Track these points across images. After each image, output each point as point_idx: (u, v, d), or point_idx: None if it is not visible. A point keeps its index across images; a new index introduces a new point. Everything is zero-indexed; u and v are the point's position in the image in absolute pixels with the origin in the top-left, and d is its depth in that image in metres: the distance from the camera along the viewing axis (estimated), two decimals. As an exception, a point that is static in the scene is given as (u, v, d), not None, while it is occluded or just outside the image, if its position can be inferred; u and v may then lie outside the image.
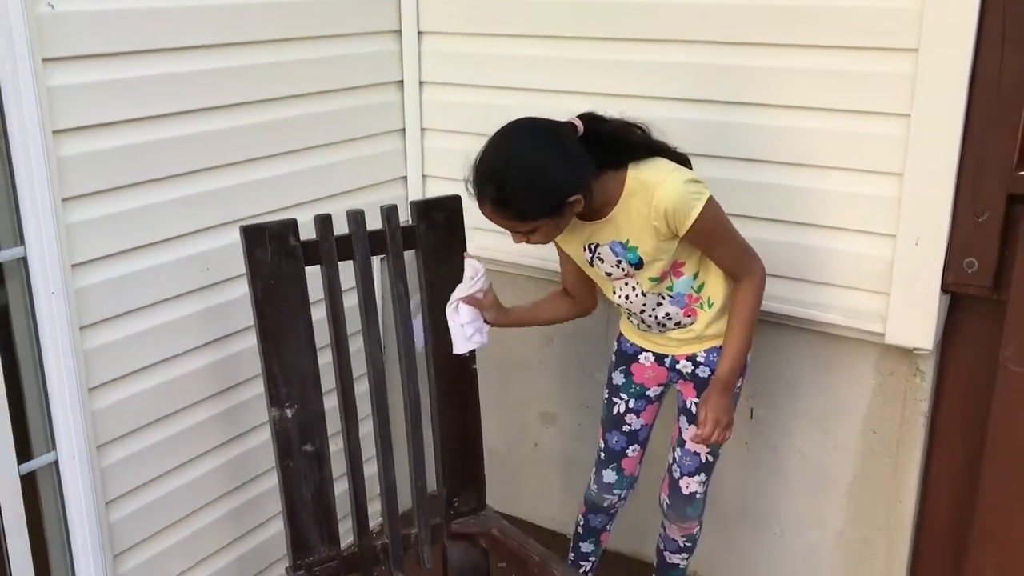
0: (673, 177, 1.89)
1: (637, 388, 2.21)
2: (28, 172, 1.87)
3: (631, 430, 2.25)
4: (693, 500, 2.21)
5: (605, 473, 2.29)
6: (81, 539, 2.12)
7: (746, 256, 2.00)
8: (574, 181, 1.84)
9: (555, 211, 1.85)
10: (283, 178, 2.39)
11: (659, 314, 2.07)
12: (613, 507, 2.36)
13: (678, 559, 2.34)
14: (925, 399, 2.30)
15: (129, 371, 2.13)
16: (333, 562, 2.01)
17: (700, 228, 1.90)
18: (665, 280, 2.02)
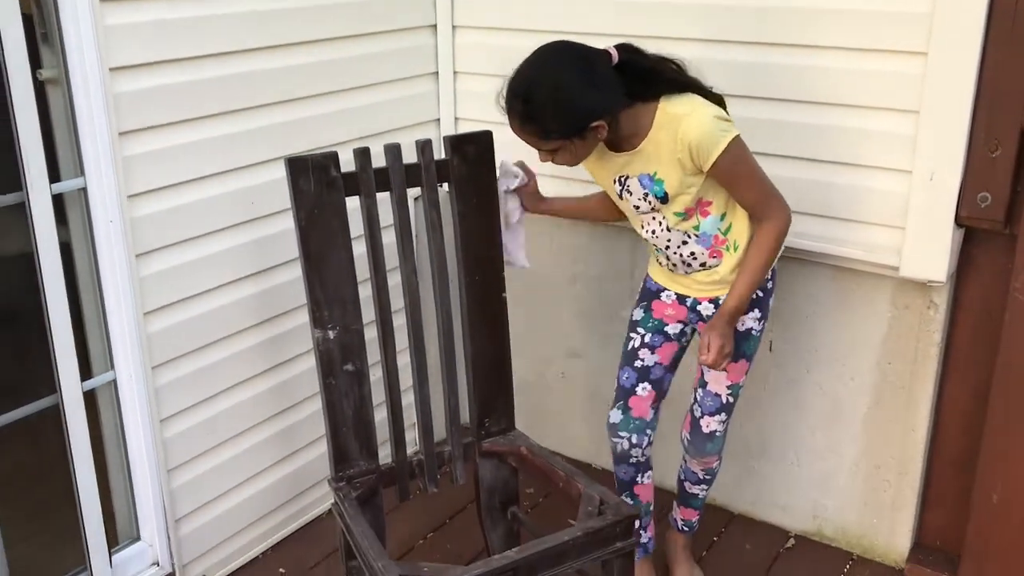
0: (701, 111, 1.92)
1: (655, 323, 2.22)
2: (87, 107, 2.01)
3: (643, 366, 2.23)
4: (713, 438, 2.27)
5: (612, 413, 2.26)
6: (138, 453, 2.29)
7: (771, 199, 2.01)
8: (599, 106, 1.89)
9: (577, 133, 1.90)
10: (322, 118, 2.50)
11: (684, 252, 2.10)
12: (628, 455, 2.28)
13: (697, 489, 2.39)
14: (938, 331, 2.38)
15: (181, 298, 2.27)
16: (372, 475, 2.15)
17: (724, 165, 1.92)
18: (691, 218, 2.04)
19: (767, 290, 2.17)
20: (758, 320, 2.17)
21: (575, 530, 1.90)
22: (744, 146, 1.95)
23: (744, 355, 2.19)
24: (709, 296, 2.15)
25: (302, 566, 2.62)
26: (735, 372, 2.20)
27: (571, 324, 2.97)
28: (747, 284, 2.04)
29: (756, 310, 2.15)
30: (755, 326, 2.17)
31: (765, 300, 2.17)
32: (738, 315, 2.08)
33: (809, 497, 2.70)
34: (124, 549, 2.35)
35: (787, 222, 2.03)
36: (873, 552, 2.64)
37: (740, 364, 2.19)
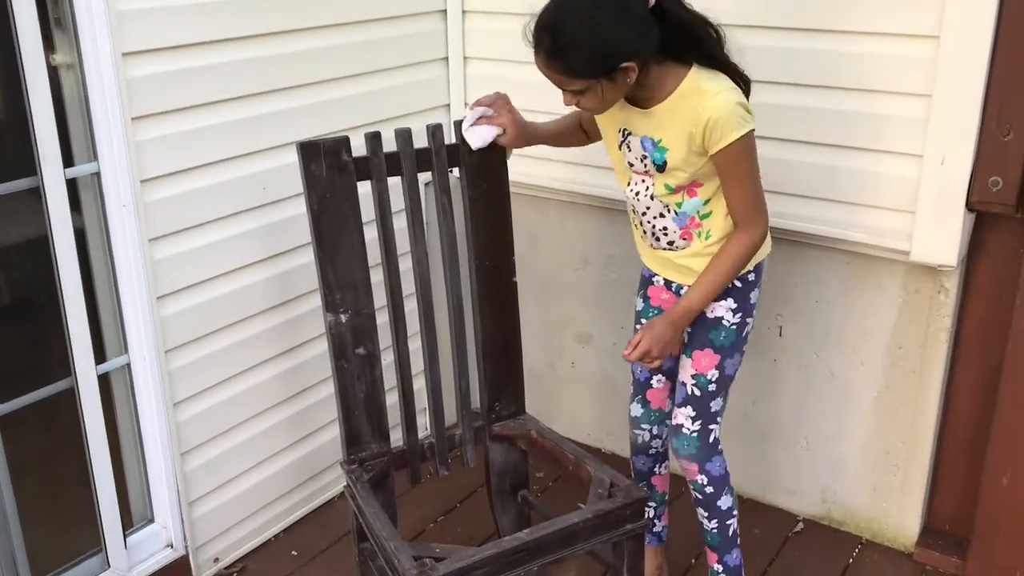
0: (729, 94, 1.84)
1: (655, 312, 2.16)
2: (100, 92, 2.02)
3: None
4: (679, 433, 2.11)
5: (632, 407, 2.26)
6: (152, 436, 2.31)
7: (756, 207, 1.94)
8: (632, 45, 1.76)
9: (607, 73, 1.78)
10: (334, 103, 2.51)
11: (657, 225, 2.02)
12: (649, 447, 2.27)
13: (698, 515, 2.19)
14: (949, 315, 2.38)
15: (194, 282, 2.28)
16: (384, 458, 2.16)
17: (731, 154, 1.85)
18: (678, 194, 1.96)
19: (747, 281, 2.05)
20: (732, 311, 2.04)
21: (585, 512, 1.92)
22: (754, 144, 1.89)
23: (711, 344, 2.05)
24: (687, 282, 2.06)
25: (314, 548, 2.65)
26: (700, 362, 2.06)
27: (581, 309, 2.98)
28: (705, 290, 1.96)
29: (730, 299, 2.03)
30: (727, 316, 2.04)
31: (743, 291, 2.04)
32: (686, 318, 1.99)
33: (818, 481, 2.71)
34: (138, 531, 2.37)
35: (762, 238, 1.96)
36: (882, 536, 2.65)
37: (705, 353, 2.06)
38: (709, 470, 2.12)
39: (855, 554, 2.61)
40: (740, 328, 2.06)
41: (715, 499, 2.15)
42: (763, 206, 1.96)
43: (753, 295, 2.07)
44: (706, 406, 2.09)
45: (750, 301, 2.07)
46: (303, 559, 2.61)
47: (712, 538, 2.20)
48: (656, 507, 2.38)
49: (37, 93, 1.91)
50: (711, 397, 2.09)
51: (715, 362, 2.06)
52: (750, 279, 2.05)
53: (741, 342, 2.09)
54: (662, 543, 2.44)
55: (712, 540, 2.20)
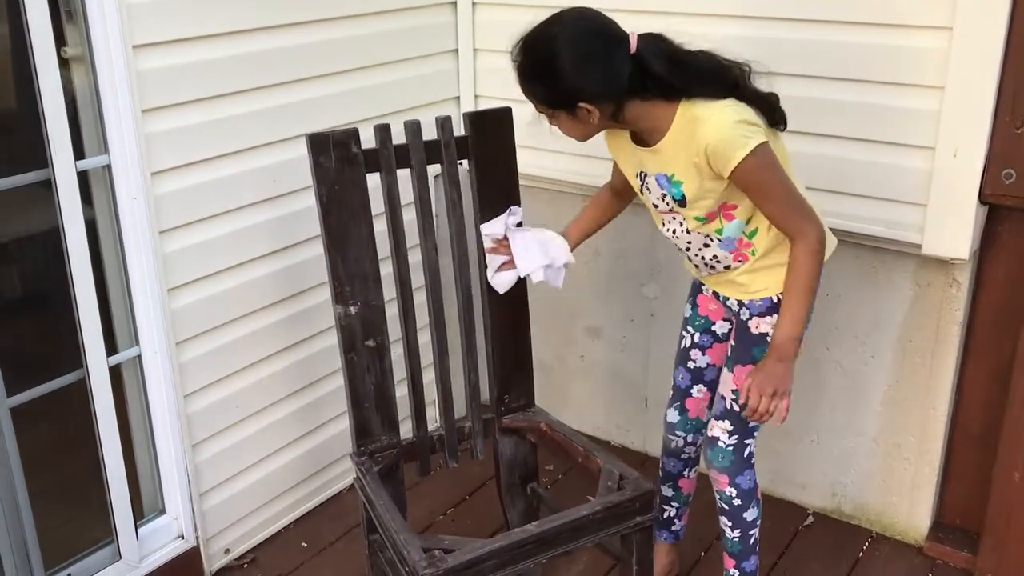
0: (723, 113, 1.78)
1: (702, 321, 2.15)
2: (111, 85, 2.02)
3: (696, 367, 2.19)
4: (714, 445, 2.08)
5: (669, 412, 2.26)
6: (162, 428, 2.32)
7: (798, 214, 1.84)
8: (588, 88, 1.78)
9: (565, 107, 1.82)
10: (343, 95, 2.51)
11: (706, 255, 1.99)
12: (682, 451, 2.27)
13: (722, 523, 2.18)
14: (960, 308, 2.37)
15: (204, 274, 2.29)
16: (393, 450, 2.17)
17: (744, 174, 1.78)
18: (713, 221, 1.92)
19: None
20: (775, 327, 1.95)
21: (594, 504, 1.92)
22: (769, 155, 1.80)
23: (754, 360, 2.00)
24: (737, 296, 2.02)
25: (324, 540, 2.66)
26: (741, 377, 2.01)
27: (591, 302, 2.97)
28: (794, 314, 1.87)
29: (774, 315, 1.97)
30: (770, 332, 1.96)
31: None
32: (791, 348, 1.88)
33: (828, 475, 2.70)
34: (150, 522, 2.39)
35: (819, 240, 1.85)
36: (893, 530, 2.64)
37: (747, 369, 2.00)
38: (739, 483, 2.11)
39: (865, 548, 2.60)
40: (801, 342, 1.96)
41: (741, 511, 2.14)
42: (806, 209, 1.86)
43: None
44: (744, 421, 2.03)
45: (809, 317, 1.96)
46: (313, 550, 2.62)
47: (733, 546, 2.19)
48: (679, 508, 2.38)
49: (48, 86, 1.91)
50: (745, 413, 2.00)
51: None
52: None
53: None
54: (678, 541, 2.44)
55: (732, 548, 2.19)
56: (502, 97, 2.70)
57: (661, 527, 2.40)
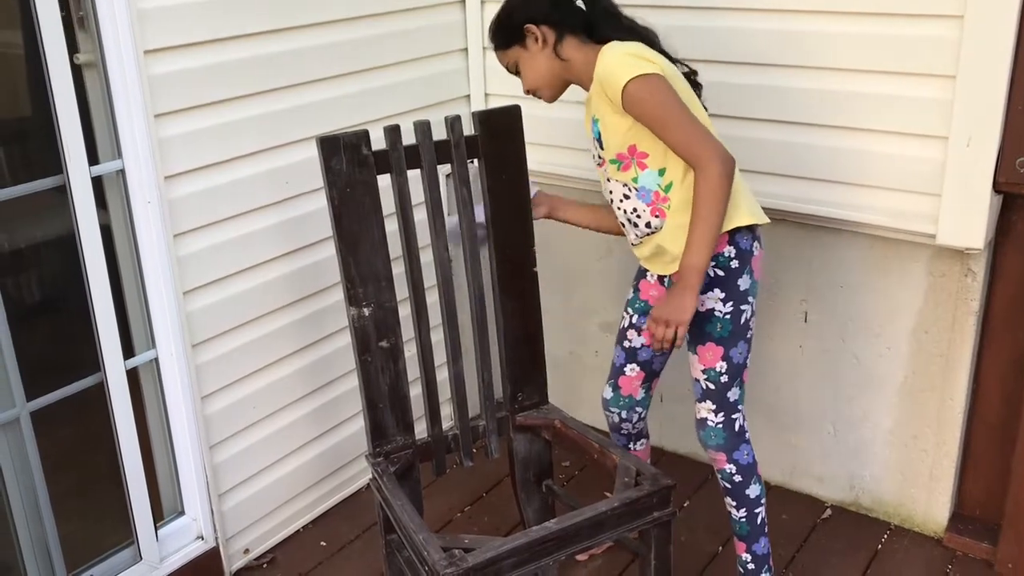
0: (614, 48, 1.93)
1: (641, 304, 2.22)
2: (123, 90, 2.04)
3: (631, 347, 2.26)
4: (704, 426, 2.12)
5: (605, 389, 2.33)
6: (180, 430, 2.33)
7: (697, 143, 1.88)
8: (533, 8, 1.99)
9: (516, 39, 2.03)
10: (354, 96, 2.52)
11: (627, 208, 2.04)
12: (620, 427, 2.35)
13: (727, 505, 2.20)
14: (976, 299, 2.35)
15: (219, 277, 2.30)
16: (409, 450, 2.18)
17: (633, 100, 1.88)
18: (629, 169, 1.99)
19: (730, 269, 2.00)
20: (721, 300, 2.01)
21: (612, 501, 1.92)
22: (660, 85, 1.88)
23: (711, 338, 2.03)
24: (670, 272, 2.06)
25: (343, 539, 2.67)
26: (705, 356, 2.06)
27: (605, 298, 2.97)
28: (695, 240, 1.89)
29: (716, 289, 2.00)
30: (717, 307, 2.01)
31: (729, 279, 2.01)
32: (695, 275, 1.90)
33: (846, 467, 2.69)
34: (169, 523, 2.40)
35: (721, 167, 1.86)
36: (911, 522, 2.63)
37: (708, 347, 2.04)
38: (737, 459, 2.13)
39: (884, 540, 2.59)
40: (736, 316, 2.04)
41: (743, 488, 2.15)
42: (703, 134, 1.89)
43: (742, 282, 2.03)
44: (723, 397, 2.10)
45: (740, 288, 2.03)
46: (331, 550, 2.63)
47: (740, 527, 2.20)
48: None
49: (61, 92, 1.93)
50: (726, 388, 2.09)
51: (719, 354, 2.06)
52: (733, 266, 2.01)
53: (742, 329, 2.06)
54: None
55: (740, 530, 2.20)
56: (513, 95, 2.70)
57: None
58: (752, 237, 2.04)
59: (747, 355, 2.10)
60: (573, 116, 2.38)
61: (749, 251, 2.04)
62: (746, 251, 2.03)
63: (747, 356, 2.10)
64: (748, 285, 2.05)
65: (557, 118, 2.53)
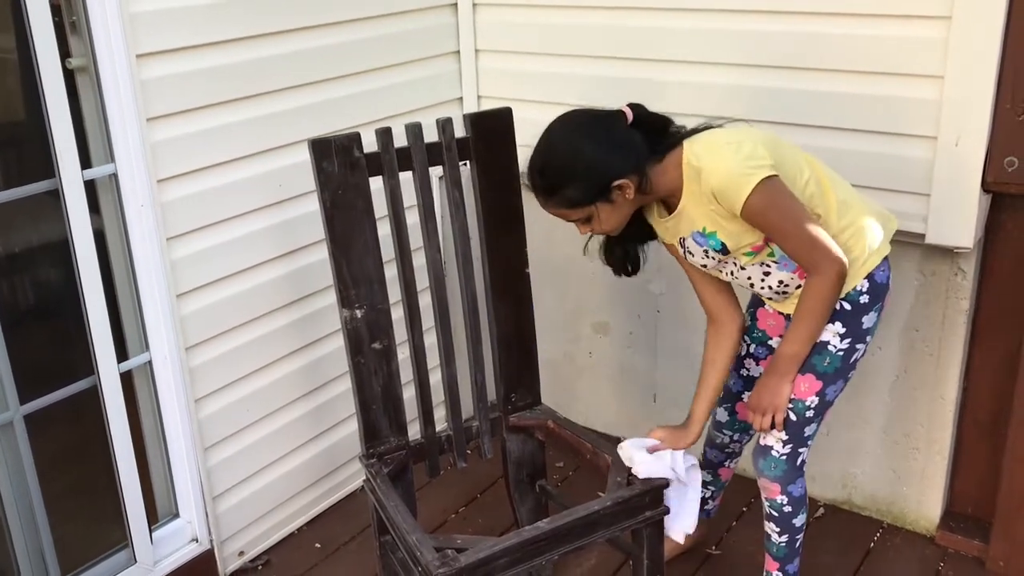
0: (723, 153, 1.82)
1: (760, 333, 2.17)
2: (116, 94, 2.05)
3: (748, 375, 2.22)
4: (767, 455, 2.06)
5: (719, 411, 2.30)
6: (175, 432, 2.34)
7: (813, 247, 1.83)
8: (617, 163, 1.84)
9: (601, 195, 1.85)
10: (346, 99, 2.53)
11: (772, 283, 1.98)
12: (727, 447, 2.35)
13: (768, 528, 2.18)
14: (966, 297, 2.37)
15: (212, 280, 2.31)
16: (402, 451, 2.18)
17: (752, 210, 1.79)
18: (762, 250, 1.92)
19: (858, 304, 1.95)
20: (839, 336, 1.95)
21: (605, 500, 1.93)
22: (778, 188, 1.80)
23: (814, 370, 1.97)
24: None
25: (337, 540, 2.68)
26: (800, 387, 1.98)
27: (598, 299, 2.98)
28: (799, 334, 1.91)
29: (838, 323, 1.95)
30: (832, 340, 1.96)
31: (853, 315, 1.95)
32: (793, 364, 1.95)
33: (839, 466, 2.70)
34: (164, 526, 2.41)
35: (837, 277, 1.85)
36: (903, 520, 2.64)
37: (807, 378, 1.98)
38: (791, 491, 2.10)
39: (876, 538, 2.60)
40: (848, 355, 1.97)
41: (791, 518, 2.14)
42: (820, 242, 1.83)
43: (867, 319, 1.97)
44: (800, 431, 2.03)
45: (862, 326, 1.97)
46: (326, 551, 2.64)
47: (778, 550, 2.20)
48: (714, 491, 2.47)
49: (53, 96, 1.93)
50: (806, 423, 2.02)
51: (816, 388, 1.99)
52: (862, 301, 1.95)
53: (847, 368, 2.00)
54: (708, 518, 2.52)
55: (778, 552, 2.20)
56: (505, 97, 2.73)
57: None
58: (887, 267, 2.00)
59: (840, 394, 2.03)
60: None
61: (885, 284, 1.99)
62: (881, 284, 1.98)
63: (839, 395, 2.04)
64: (872, 323, 1.99)
65: (549, 120, 2.54)
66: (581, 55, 2.68)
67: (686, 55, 2.50)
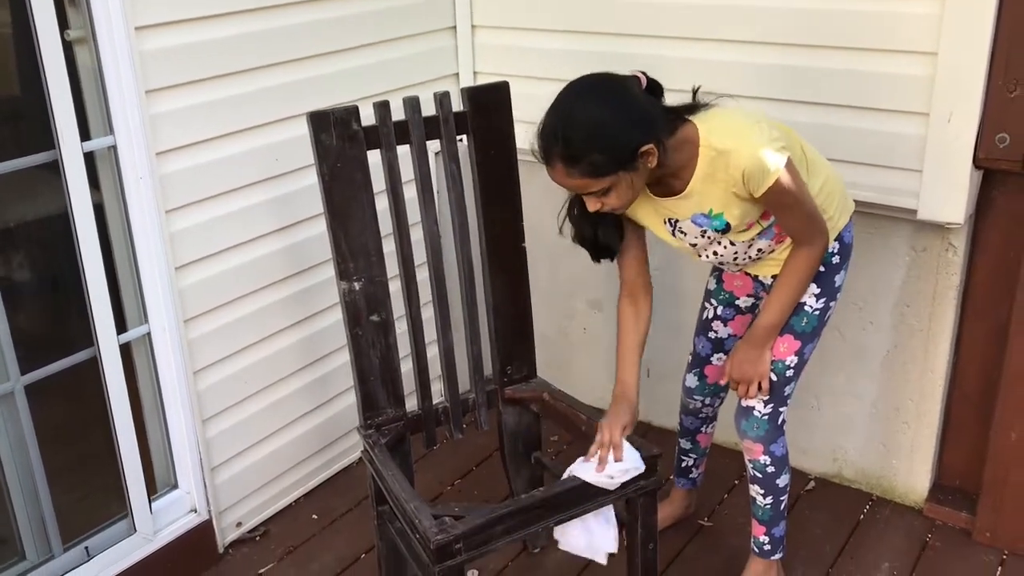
0: (750, 136, 1.81)
1: (726, 295, 2.21)
2: (114, 66, 2.05)
3: (717, 338, 2.25)
4: (749, 415, 2.11)
5: (688, 376, 2.34)
6: (173, 404, 2.36)
7: (812, 224, 1.91)
8: (645, 128, 1.75)
9: (628, 163, 1.75)
10: (342, 74, 2.53)
11: (751, 253, 2.03)
12: (700, 411, 2.37)
13: (753, 491, 2.22)
14: (957, 273, 2.40)
15: (211, 252, 2.33)
16: (400, 422, 2.21)
17: (775, 192, 1.82)
18: (754, 227, 1.96)
19: (831, 264, 2.02)
20: (816, 296, 2.03)
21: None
22: (794, 171, 1.83)
23: (792, 331, 2.04)
24: (773, 272, 2.06)
25: (334, 512, 2.71)
26: (779, 348, 2.04)
27: (593, 275, 3.00)
28: (781, 306, 1.98)
29: (813, 284, 2.01)
30: (809, 301, 2.03)
31: (827, 275, 2.03)
32: (770, 335, 2.01)
33: (829, 440, 2.74)
34: (163, 497, 2.43)
35: (824, 248, 1.95)
36: (893, 493, 2.68)
37: (785, 339, 2.04)
38: (773, 451, 2.14)
39: (866, 511, 2.64)
40: (823, 313, 2.05)
41: (775, 478, 2.18)
42: (818, 220, 1.92)
43: (838, 277, 2.05)
44: (781, 391, 2.09)
45: (835, 284, 2.05)
46: (323, 522, 2.67)
47: (764, 513, 2.24)
48: (696, 459, 2.51)
49: (53, 68, 1.94)
50: (787, 383, 2.08)
51: (795, 348, 2.05)
52: (834, 261, 2.03)
53: (822, 326, 2.07)
54: (695, 487, 2.56)
55: (763, 515, 2.24)
56: (501, 73, 2.73)
57: (680, 475, 2.53)
58: (852, 226, 2.07)
59: (814, 351, 2.11)
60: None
61: (851, 244, 2.06)
62: (848, 244, 2.05)
63: (814, 352, 2.11)
64: (842, 281, 2.06)
65: (545, 95, 2.54)
66: (577, 31, 2.69)
67: (680, 31, 2.51)
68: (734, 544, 2.49)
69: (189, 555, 2.44)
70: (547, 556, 2.50)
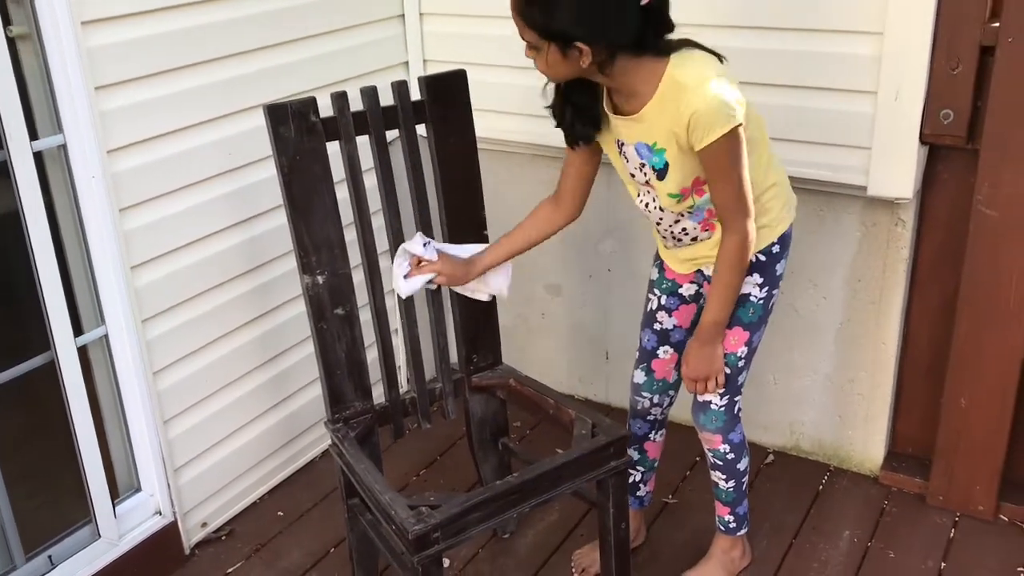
0: (712, 86, 1.74)
1: (669, 284, 2.17)
2: (61, 63, 2.00)
3: (662, 329, 2.20)
4: (707, 409, 2.12)
5: (636, 373, 2.27)
6: (133, 406, 2.32)
7: (738, 203, 1.85)
8: (591, 29, 1.69)
9: (558, 42, 1.71)
10: (291, 65, 2.50)
11: (675, 229, 2.02)
12: (648, 413, 2.29)
13: (715, 477, 2.25)
14: (906, 247, 2.47)
15: (167, 250, 2.28)
16: (367, 415, 2.20)
17: (715, 151, 1.78)
18: (687, 199, 1.92)
19: (771, 254, 2.02)
20: (759, 286, 2.03)
21: (572, 452, 1.98)
22: (741, 138, 1.79)
23: (740, 322, 2.04)
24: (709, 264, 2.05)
25: (300, 508, 2.69)
26: (729, 340, 2.05)
27: (549, 260, 3.02)
28: (723, 301, 1.96)
29: (755, 274, 2.01)
30: (753, 291, 2.03)
31: (768, 264, 2.02)
32: (717, 330, 2.00)
33: (787, 414, 2.80)
34: (126, 500, 2.39)
35: (746, 235, 1.88)
36: (849, 463, 2.76)
37: (735, 331, 2.04)
38: (731, 439, 2.17)
39: (824, 481, 2.71)
40: (767, 301, 2.06)
41: (735, 463, 2.21)
42: (745, 202, 1.86)
43: (779, 266, 2.06)
44: (735, 382, 2.10)
45: (776, 273, 2.05)
46: (289, 519, 2.65)
47: (727, 496, 2.27)
48: (644, 472, 2.39)
49: (-3, 66, 1.88)
50: (739, 373, 2.10)
51: (744, 339, 2.06)
52: (774, 251, 2.03)
53: (767, 314, 2.09)
54: (642, 508, 2.46)
55: (727, 497, 2.28)
56: (451, 61, 2.70)
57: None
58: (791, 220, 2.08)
59: (762, 339, 2.12)
60: (520, 82, 2.41)
61: (791, 235, 2.07)
62: (788, 236, 2.06)
63: (762, 339, 2.12)
64: (783, 269, 2.07)
65: (504, 83, 2.55)
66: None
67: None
68: (699, 520, 2.53)
69: (155, 558, 2.40)
70: (517, 541, 2.52)
